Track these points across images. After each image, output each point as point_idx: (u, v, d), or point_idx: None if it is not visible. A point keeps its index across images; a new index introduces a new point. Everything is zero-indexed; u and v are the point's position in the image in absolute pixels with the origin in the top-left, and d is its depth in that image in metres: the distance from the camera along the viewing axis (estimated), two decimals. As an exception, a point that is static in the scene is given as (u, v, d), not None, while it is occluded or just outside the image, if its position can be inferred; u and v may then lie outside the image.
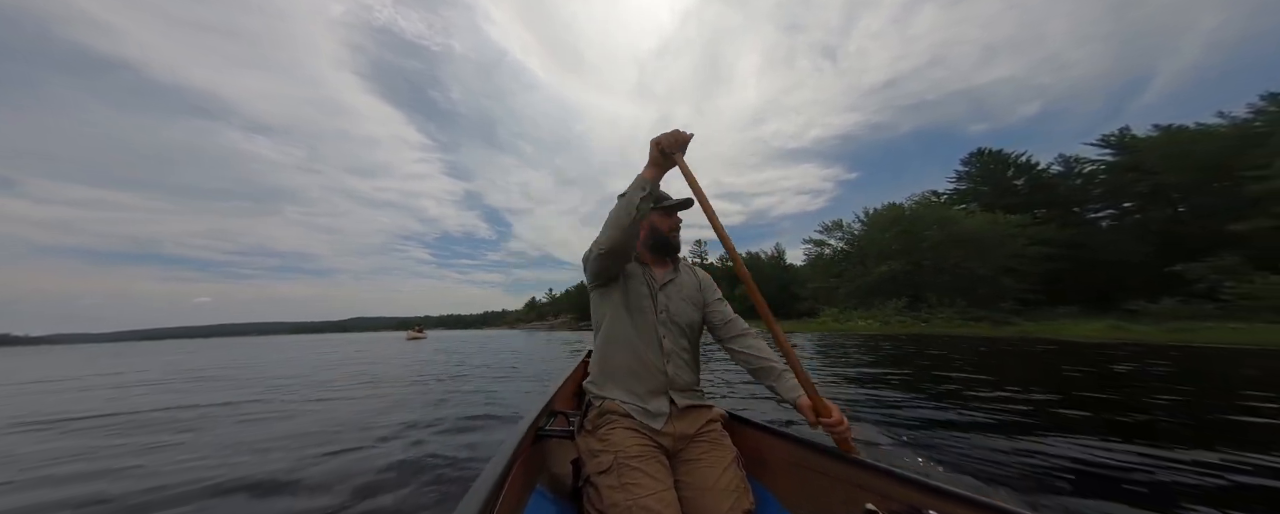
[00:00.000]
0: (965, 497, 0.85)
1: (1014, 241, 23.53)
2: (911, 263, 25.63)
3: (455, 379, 6.62)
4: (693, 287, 1.51)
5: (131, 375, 9.24)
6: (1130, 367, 6.53)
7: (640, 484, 1.10)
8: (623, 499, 1.07)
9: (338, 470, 2.48)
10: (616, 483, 1.11)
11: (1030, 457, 2.50)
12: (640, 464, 1.14)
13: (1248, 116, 23.57)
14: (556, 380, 2.19)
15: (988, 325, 20.46)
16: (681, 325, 1.41)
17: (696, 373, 1.44)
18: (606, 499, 1.09)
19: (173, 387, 6.87)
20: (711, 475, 1.18)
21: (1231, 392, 4.40)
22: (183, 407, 4.90)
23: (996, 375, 5.67)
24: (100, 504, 2.20)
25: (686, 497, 1.16)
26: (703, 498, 1.14)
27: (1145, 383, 5.01)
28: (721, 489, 1.14)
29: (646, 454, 1.19)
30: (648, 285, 1.43)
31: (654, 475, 1.13)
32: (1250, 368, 6.42)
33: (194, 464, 2.73)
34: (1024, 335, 16.26)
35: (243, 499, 2.15)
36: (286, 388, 6.19)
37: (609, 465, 1.15)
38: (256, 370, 9.32)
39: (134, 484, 2.42)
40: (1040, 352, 9.49)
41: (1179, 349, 10.16)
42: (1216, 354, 8.88)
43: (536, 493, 1.25)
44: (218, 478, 2.43)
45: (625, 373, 1.34)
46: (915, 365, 6.95)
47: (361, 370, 8.51)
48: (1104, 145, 31.71)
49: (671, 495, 1.11)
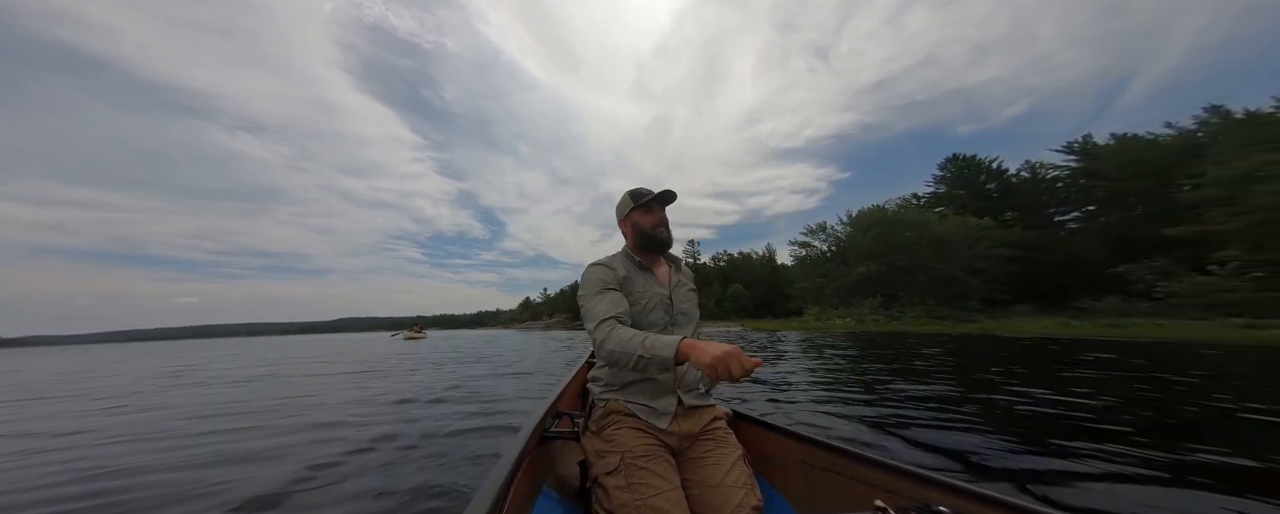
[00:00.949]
0: (973, 492, 0.86)
1: (980, 244, 25.30)
2: (887, 264, 27.36)
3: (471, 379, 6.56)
4: (691, 286, 1.58)
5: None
6: (1043, 357, 8.04)
7: (648, 484, 1.11)
8: (631, 499, 1.08)
9: (338, 473, 2.47)
10: (624, 483, 1.12)
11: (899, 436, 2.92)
12: (647, 464, 1.16)
13: (1192, 127, 25.71)
14: (560, 381, 2.17)
15: (950, 323, 22.22)
16: (690, 327, 1.46)
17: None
18: (615, 500, 1.10)
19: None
20: (718, 473, 1.19)
21: (1122, 379, 5.20)
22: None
23: (925, 366, 6.89)
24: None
25: (694, 494, 1.17)
26: (711, 495, 1.15)
27: (1050, 370, 5.92)
28: (729, 486, 1.16)
29: (653, 454, 1.19)
30: (660, 290, 1.44)
31: (661, 475, 1.14)
32: (1143, 357, 7.67)
33: (194, 472, 2.65)
34: (983, 331, 17.93)
35: (251, 507, 2.13)
36: (271, 393, 5.76)
37: (616, 466, 1.16)
38: (242, 373, 8.94)
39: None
40: (978, 345, 11.01)
41: (1105, 343, 11.70)
42: (1135, 346, 10.35)
43: (543, 494, 1.25)
44: (223, 488, 2.36)
45: (634, 377, 1.34)
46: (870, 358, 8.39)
47: (361, 372, 8.09)
48: (1068, 152, 33.79)
49: (679, 495, 1.12)
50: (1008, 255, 25.72)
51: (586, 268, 1.43)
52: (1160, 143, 26.22)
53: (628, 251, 1.50)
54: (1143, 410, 3.58)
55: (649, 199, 1.44)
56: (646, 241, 1.47)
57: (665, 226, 1.48)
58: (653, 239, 1.46)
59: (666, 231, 1.47)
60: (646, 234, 1.45)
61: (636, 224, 1.47)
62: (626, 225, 1.51)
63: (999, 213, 32.49)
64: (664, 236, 1.46)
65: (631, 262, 1.46)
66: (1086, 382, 5.05)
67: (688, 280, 1.58)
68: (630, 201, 1.47)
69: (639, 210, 1.46)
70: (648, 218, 1.46)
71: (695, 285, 1.61)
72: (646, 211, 1.46)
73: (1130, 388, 4.62)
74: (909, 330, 20.51)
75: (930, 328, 21.11)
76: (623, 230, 1.55)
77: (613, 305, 1.29)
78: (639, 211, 1.46)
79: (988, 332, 17.91)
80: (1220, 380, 5.10)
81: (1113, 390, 4.46)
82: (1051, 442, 2.73)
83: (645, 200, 1.44)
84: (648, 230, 1.45)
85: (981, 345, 11.21)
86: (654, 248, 1.49)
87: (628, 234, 1.52)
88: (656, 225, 1.46)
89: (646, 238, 1.46)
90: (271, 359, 13.15)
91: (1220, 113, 24.74)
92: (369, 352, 16.02)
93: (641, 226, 1.46)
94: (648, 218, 1.46)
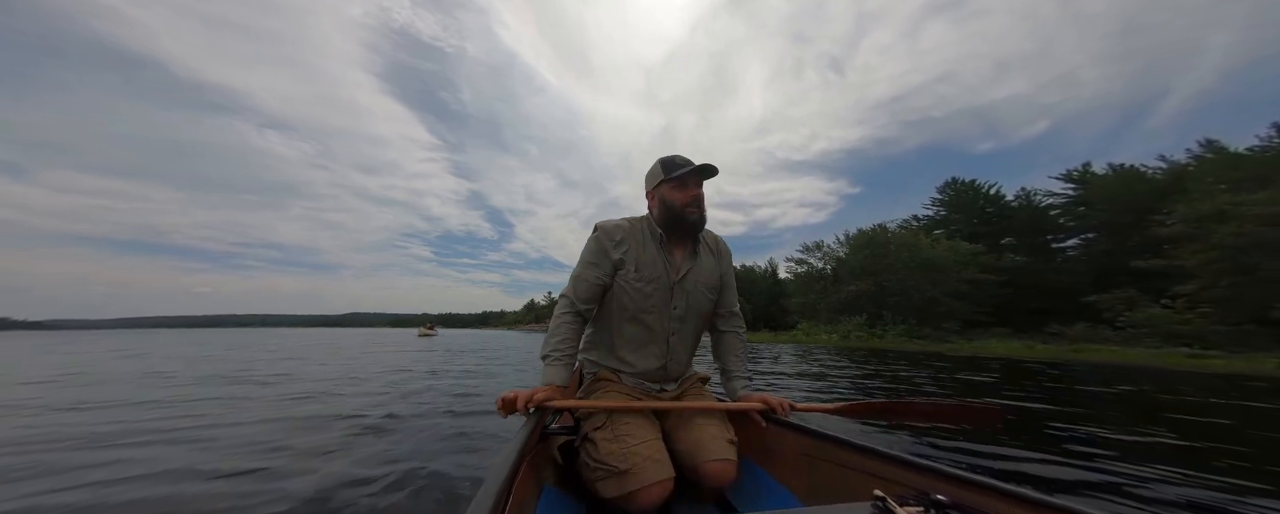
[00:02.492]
0: (969, 479, 0.88)
1: (966, 268, 26.29)
2: (877, 284, 28.44)
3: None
4: (712, 270, 1.42)
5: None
6: (992, 375, 9.32)
7: (632, 434, 1.15)
8: (618, 449, 1.12)
9: (339, 472, 2.48)
10: (611, 435, 1.16)
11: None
12: (631, 418, 1.21)
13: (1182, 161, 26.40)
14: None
15: (928, 342, 23.25)
16: (694, 317, 1.39)
17: (695, 350, 1.46)
18: (602, 449, 1.14)
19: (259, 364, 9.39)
20: (696, 428, 1.25)
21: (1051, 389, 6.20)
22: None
23: (869, 375, 8.40)
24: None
25: (678, 449, 1.22)
26: (691, 448, 1.21)
27: (987, 384, 6.92)
28: (708, 439, 1.21)
29: (637, 411, 1.24)
30: (666, 275, 1.32)
31: (644, 427, 1.19)
32: (1086, 380, 8.95)
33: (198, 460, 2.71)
34: (953, 351, 19.01)
35: (250, 493, 2.14)
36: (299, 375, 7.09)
37: (603, 422, 1.20)
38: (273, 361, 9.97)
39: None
40: (937, 361, 12.22)
41: (1053, 363, 12.93)
42: (1084, 367, 11.52)
43: (546, 490, 1.26)
44: (224, 470, 2.44)
45: (626, 348, 1.35)
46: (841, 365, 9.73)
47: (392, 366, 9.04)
48: (1067, 180, 34.68)
49: (661, 445, 1.17)
50: (995, 280, 26.64)
51: (595, 226, 1.36)
52: (1148, 176, 27.03)
53: (651, 224, 1.37)
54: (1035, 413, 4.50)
55: (684, 172, 1.27)
56: (674, 221, 1.32)
57: (699, 205, 1.31)
58: (682, 219, 1.30)
59: (700, 211, 1.31)
60: (676, 212, 1.30)
61: (665, 199, 1.32)
62: (653, 198, 1.37)
63: (996, 237, 33.41)
64: (695, 217, 1.31)
65: (651, 235, 1.35)
66: (1007, 390, 6.24)
67: (712, 269, 1.40)
68: (661, 172, 1.32)
69: (670, 183, 1.30)
70: (680, 193, 1.30)
71: (722, 270, 1.44)
72: (680, 186, 1.30)
73: (1047, 396, 5.61)
74: (889, 347, 21.63)
75: (909, 346, 22.19)
76: (649, 203, 1.41)
77: (591, 286, 1.28)
78: (670, 185, 1.30)
79: (956, 351, 19.00)
80: (1120, 399, 5.82)
81: (1031, 395, 5.55)
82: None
83: (680, 173, 1.27)
84: (678, 208, 1.30)
85: (941, 361, 12.47)
86: (682, 229, 1.33)
87: (653, 208, 1.38)
88: (688, 203, 1.29)
89: (675, 216, 1.31)
90: (338, 346, 14.83)
91: (1214, 147, 25.53)
92: (406, 343, 17.61)
93: (671, 202, 1.30)
94: (680, 193, 1.30)
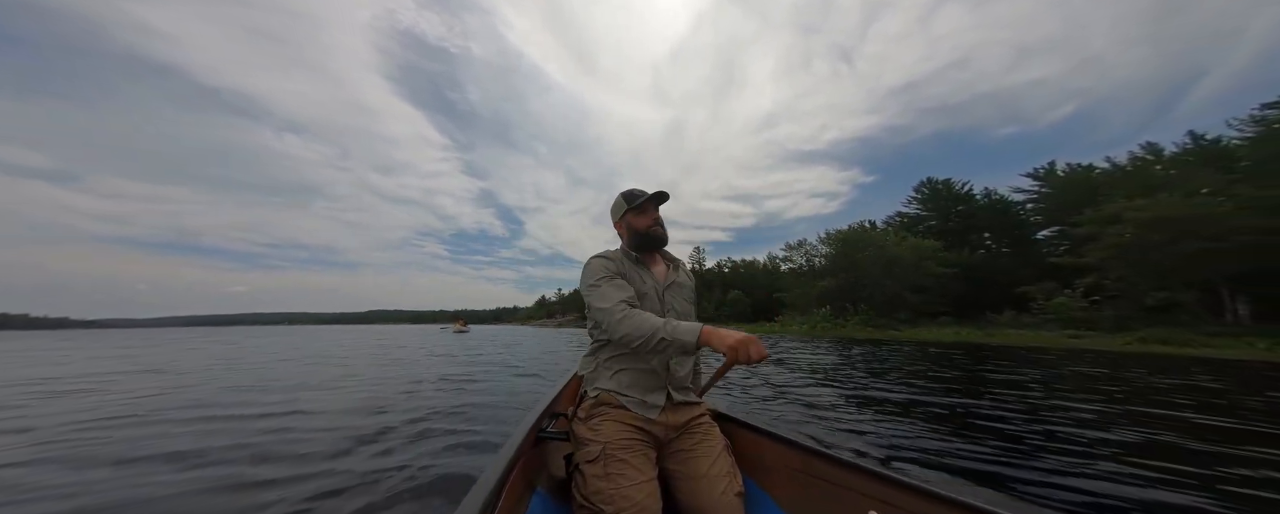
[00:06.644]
0: (972, 505, 0.84)
1: (926, 264, 29.45)
2: (847, 280, 31.80)
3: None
4: (687, 283, 1.60)
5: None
6: (908, 353, 12.68)
7: (624, 475, 1.15)
8: (606, 488, 1.12)
9: (339, 470, 2.50)
10: (602, 472, 1.16)
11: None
12: (626, 455, 1.20)
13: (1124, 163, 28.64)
14: (557, 382, 2.13)
15: (876, 330, 26.57)
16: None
17: (691, 372, 1.52)
18: (591, 487, 1.15)
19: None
20: (704, 464, 1.26)
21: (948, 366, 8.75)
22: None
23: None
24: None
25: (680, 484, 1.25)
26: (697, 485, 1.22)
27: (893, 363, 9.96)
28: (714, 475, 1.23)
29: (634, 446, 1.23)
30: (653, 288, 1.46)
31: (638, 467, 1.18)
32: (987, 355, 12.45)
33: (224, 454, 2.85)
34: (893, 337, 22.25)
35: (253, 490, 2.17)
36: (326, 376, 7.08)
37: (597, 455, 1.20)
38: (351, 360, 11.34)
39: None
40: (859, 347, 15.58)
41: (967, 345, 16.11)
42: (989, 347, 14.43)
43: (537, 494, 1.26)
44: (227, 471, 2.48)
45: (626, 369, 1.37)
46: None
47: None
48: (1034, 178, 37.18)
49: (654, 487, 1.17)
50: (951, 274, 29.72)
51: (589, 259, 1.48)
52: (1093, 177, 29.47)
53: (624, 250, 1.55)
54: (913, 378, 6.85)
55: (643, 200, 1.48)
56: (642, 240, 1.51)
57: (660, 225, 1.52)
58: (648, 237, 1.50)
59: (661, 229, 1.52)
60: (642, 234, 1.50)
61: (631, 224, 1.51)
62: (622, 227, 1.56)
63: (965, 234, 36.20)
64: (659, 234, 1.51)
65: (628, 258, 1.50)
66: (905, 366, 8.73)
67: (686, 281, 1.61)
68: (624, 203, 1.52)
69: (633, 211, 1.50)
70: (642, 219, 1.50)
71: (694, 288, 1.65)
72: (640, 213, 1.50)
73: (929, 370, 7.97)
74: (846, 335, 24.96)
75: (862, 333, 25.55)
76: (618, 231, 1.60)
77: (623, 291, 1.36)
78: (633, 213, 1.50)
79: (896, 337, 22.00)
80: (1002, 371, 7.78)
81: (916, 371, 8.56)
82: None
83: (639, 202, 1.48)
84: (643, 230, 1.50)
85: (871, 345, 15.90)
86: (650, 245, 1.53)
87: (623, 235, 1.58)
88: (651, 224, 1.50)
89: (642, 237, 1.50)
90: (385, 342, 17.85)
91: (1154, 149, 27.86)
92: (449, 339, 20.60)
93: (636, 227, 1.50)
94: (642, 219, 1.50)
